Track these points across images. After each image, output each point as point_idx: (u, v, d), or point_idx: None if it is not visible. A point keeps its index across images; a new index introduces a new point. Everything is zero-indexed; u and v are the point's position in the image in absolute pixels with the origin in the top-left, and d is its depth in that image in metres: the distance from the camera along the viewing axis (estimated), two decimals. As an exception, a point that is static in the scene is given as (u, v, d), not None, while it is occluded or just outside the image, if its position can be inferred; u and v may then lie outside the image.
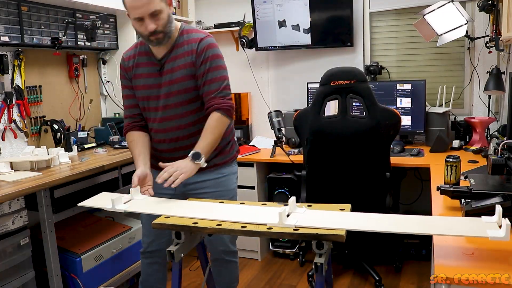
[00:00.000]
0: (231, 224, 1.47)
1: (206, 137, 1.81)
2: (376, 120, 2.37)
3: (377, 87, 3.12)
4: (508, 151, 1.84)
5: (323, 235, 1.36)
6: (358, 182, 2.49)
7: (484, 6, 2.63)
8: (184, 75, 1.86)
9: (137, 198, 1.75)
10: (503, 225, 1.21)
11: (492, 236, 1.21)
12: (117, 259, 2.53)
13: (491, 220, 1.31)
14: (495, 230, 1.24)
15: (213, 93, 1.84)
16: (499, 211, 1.29)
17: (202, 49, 1.84)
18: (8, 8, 2.40)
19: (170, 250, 1.51)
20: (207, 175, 1.95)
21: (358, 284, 2.80)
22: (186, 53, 1.86)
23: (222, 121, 1.84)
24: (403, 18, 3.28)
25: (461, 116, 3.10)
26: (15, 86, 2.54)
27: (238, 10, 3.60)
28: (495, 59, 2.98)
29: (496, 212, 1.30)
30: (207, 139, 1.81)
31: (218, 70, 1.87)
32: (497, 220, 1.29)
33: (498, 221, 1.28)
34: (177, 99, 1.88)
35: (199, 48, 1.84)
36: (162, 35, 1.79)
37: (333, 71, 2.45)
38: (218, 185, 1.99)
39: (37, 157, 2.34)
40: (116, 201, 1.66)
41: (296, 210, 1.54)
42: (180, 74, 1.86)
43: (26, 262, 2.11)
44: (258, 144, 3.41)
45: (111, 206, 1.66)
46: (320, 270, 1.36)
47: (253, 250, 3.21)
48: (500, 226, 1.24)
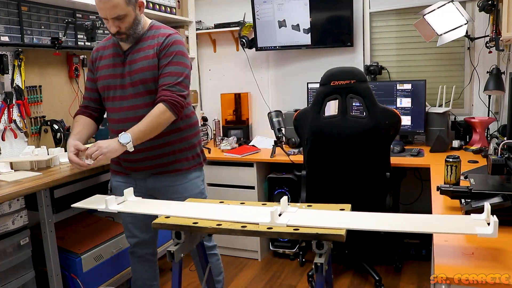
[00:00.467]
0: (231, 224, 1.47)
1: (143, 124, 1.79)
2: (376, 120, 2.37)
3: (377, 87, 3.12)
4: (508, 151, 1.84)
5: (323, 235, 1.36)
6: (358, 182, 2.49)
7: (484, 6, 2.63)
8: (145, 66, 1.88)
9: (130, 199, 1.76)
10: (491, 223, 1.22)
11: (480, 233, 1.23)
12: (117, 259, 2.53)
13: (480, 218, 1.32)
14: (483, 227, 1.25)
15: (166, 85, 1.84)
16: (487, 209, 1.30)
17: (168, 44, 1.88)
18: (8, 8, 2.39)
19: (170, 250, 1.51)
20: (167, 180, 1.98)
21: (358, 284, 2.81)
22: (150, 46, 1.89)
23: (164, 114, 1.82)
24: (403, 18, 3.28)
25: (461, 116, 3.10)
26: (15, 86, 2.54)
27: (238, 10, 3.60)
28: (495, 59, 2.98)
29: (485, 210, 1.31)
30: (143, 126, 1.79)
31: (178, 65, 1.88)
32: (485, 217, 1.30)
33: (486, 218, 1.29)
34: (136, 89, 1.89)
35: (164, 42, 1.88)
36: (125, 36, 1.86)
37: (333, 71, 2.45)
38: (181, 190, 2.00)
39: (37, 157, 2.34)
40: (109, 202, 1.66)
41: (288, 210, 1.54)
42: (141, 64, 1.88)
43: (26, 262, 2.11)
44: (258, 144, 3.41)
45: (105, 206, 1.66)
46: (320, 270, 1.36)
47: (253, 250, 3.21)
48: (489, 224, 1.25)
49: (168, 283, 2.84)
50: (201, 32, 3.69)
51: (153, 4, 3.21)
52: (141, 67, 1.88)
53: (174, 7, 3.43)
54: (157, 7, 3.25)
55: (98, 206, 1.70)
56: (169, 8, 3.38)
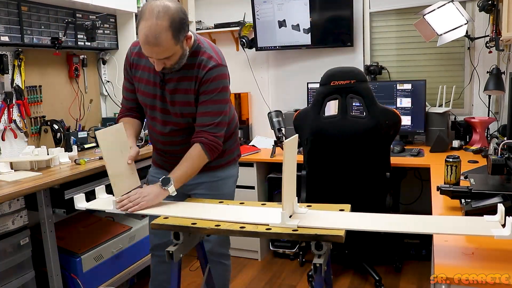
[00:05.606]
0: (230, 225, 1.47)
1: (183, 167, 1.76)
2: (376, 120, 2.37)
3: (377, 87, 3.12)
4: (508, 151, 1.84)
5: (322, 236, 1.36)
6: (358, 182, 2.49)
7: (484, 6, 2.63)
8: (184, 101, 1.80)
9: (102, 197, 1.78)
10: (507, 224, 1.21)
11: (497, 235, 1.21)
12: (117, 259, 2.53)
13: (494, 219, 1.31)
14: (499, 229, 1.24)
15: (205, 126, 1.79)
16: (501, 210, 1.29)
17: (208, 79, 1.76)
18: (8, 8, 2.39)
19: (169, 251, 1.51)
20: (201, 177, 1.91)
21: (358, 284, 2.80)
22: (190, 78, 1.78)
23: (202, 157, 1.78)
24: (403, 18, 3.28)
25: (461, 116, 3.10)
26: (15, 86, 2.54)
27: (238, 10, 3.60)
28: (495, 59, 2.98)
29: (499, 211, 1.30)
30: (184, 169, 1.76)
31: (217, 104, 1.80)
32: (499, 219, 1.29)
33: (500, 220, 1.28)
34: (176, 119, 1.85)
35: (204, 77, 1.76)
36: (169, 70, 1.74)
37: (333, 71, 2.45)
38: (212, 188, 1.95)
39: (37, 157, 2.34)
40: (108, 203, 1.67)
41: (298, 211, 1.54)
42: (180, 98, 1.80)
43: (26, 262, 2.11)
44: (258, 144, 3.41)
45: (112, 208, 1.67)
46: (319, 270, 1.36)
47: (253, 250, 3.21)
48: (504, 225, 1.24)
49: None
50: (201, 32, 3.69)
51: (153, 4, 3.20)
52: (181, 102, 1.81)
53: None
54: (157, 7, 3.25)
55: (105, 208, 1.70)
56: (169, 8, 3.37)
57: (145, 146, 2.86)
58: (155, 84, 1.83)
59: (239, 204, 1.71)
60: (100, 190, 1.84)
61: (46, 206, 2.11)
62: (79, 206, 1.75)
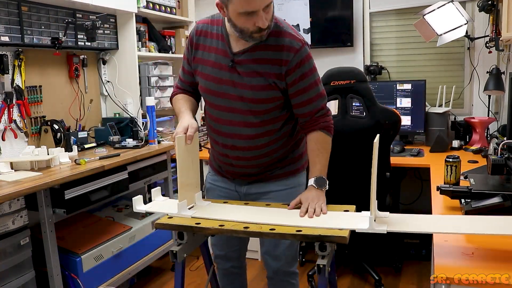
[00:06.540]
0: (234, 225, 1.46)
1: (321, 158, 1.67)
2: (376, 120, 2.37)
3: (377, 87, 3.13)
4: (508, 151, 1.84)
5: (326, 237, 1.35)
6: (357, 182, 2.48)
7: (484, 6, 2.64)
8: (263, 85, 1.60)
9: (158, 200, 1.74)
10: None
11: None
12: (117, 259, 2.53)
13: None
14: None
15: (315, 113, 1.67)
16: None
17: (298, 63, 1.59)
18: (8, 8, 2.39)
19: (173, 250, 1.50)
20: (269, 185, 1.77)
21: (358, 284, 2.81)
22: (272, 61, 1.59)
23: (327, 140, 1.70)
24: (403, 18, 3.28)
25: (461, 116, 3.10)
26: (15, 86, 2.54)
27: (238, 10, 3.59)
28: (495, 59, 2.98)
29: None
30: (323, 159, 1.67)
31: (315, 87, 1.66)
32: None
33: None
34: (247, 106, 1.64)
35: (293, 62, 1.58)
36: (267, 31, 1.54)
37: (333, 71, 2.46)
38: (281, 197, 1.74)
39: (37, 157, 2.34)
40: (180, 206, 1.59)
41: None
42: (257, 81, 1.60)
43: (26, 262, 2.11)
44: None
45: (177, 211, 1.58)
46: (323, 271, 1.36)
47: (253, 250, 3.20)
48: None
49: (168, 283, 2.84)
50: (201, 32, 3.69)
51: (153, 4, 3.21)
52: (260, 85, 1.60)
53: (174, 7, 3.43)
54: (157, 7, 3.25)
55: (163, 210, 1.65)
56: (169, 8, 3.38)
57: (145, 146, 2.86)
58: (222, 67, 1.63)
59: (244, 205, 1.70)
60: (156, 192, 1.75)
61: (46, 206, 2.12)
62: (138, 209, 1.66)
